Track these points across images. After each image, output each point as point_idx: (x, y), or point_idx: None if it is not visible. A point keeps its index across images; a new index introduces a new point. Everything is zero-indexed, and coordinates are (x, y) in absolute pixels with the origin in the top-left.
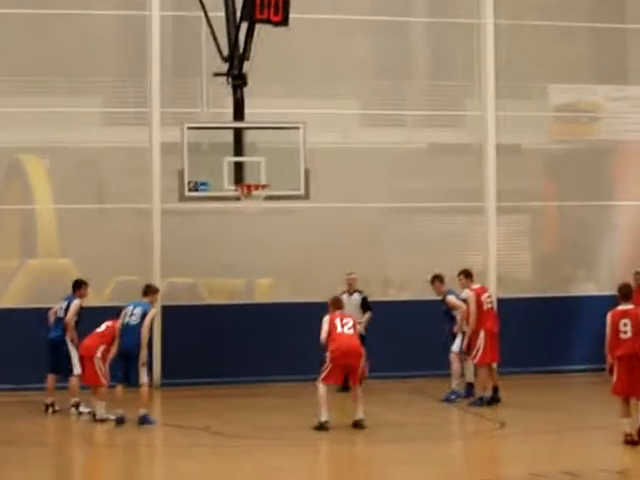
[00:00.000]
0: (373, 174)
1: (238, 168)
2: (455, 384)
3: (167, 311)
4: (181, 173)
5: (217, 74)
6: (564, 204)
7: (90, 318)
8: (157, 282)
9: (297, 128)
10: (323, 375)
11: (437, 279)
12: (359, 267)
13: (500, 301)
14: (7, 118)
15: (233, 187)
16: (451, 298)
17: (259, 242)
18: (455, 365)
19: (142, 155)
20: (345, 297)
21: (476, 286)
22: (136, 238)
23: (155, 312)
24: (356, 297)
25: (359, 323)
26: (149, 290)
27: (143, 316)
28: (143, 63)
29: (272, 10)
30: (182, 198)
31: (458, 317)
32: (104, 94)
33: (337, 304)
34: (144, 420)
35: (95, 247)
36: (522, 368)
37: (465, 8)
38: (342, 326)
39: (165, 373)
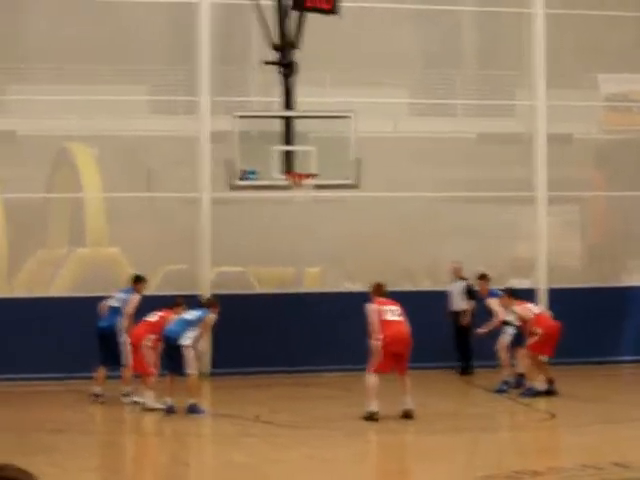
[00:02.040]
0: (422, 163)
1: (287, 157)
2: (506, 375)
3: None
4: (230, 162)
5: (267, 62)
6: (614, 194)
7: (139, 306)
8: (207, 271)
9: (347, 117)
10: (374, 365)
11: (484, 278)
12: (407, 256)
13: (551, 291)
14: (55, 106)
15: (282, 176)
16: (491, 302)
17: (308, 231)
18: (503, 355)
19: (191, 144)
20: (451, 284)
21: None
22: (185, 227)
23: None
24: (460, 284)
25: (463, 312)
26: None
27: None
28: (192, 51)
29: None
30: (232, 187)
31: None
32: (153, 82)
33: (380, 290)
34: (193, 409)
35: (144, 236)
36: (572, 359)
37: None
38: (390, 313)
39: (215, 362)
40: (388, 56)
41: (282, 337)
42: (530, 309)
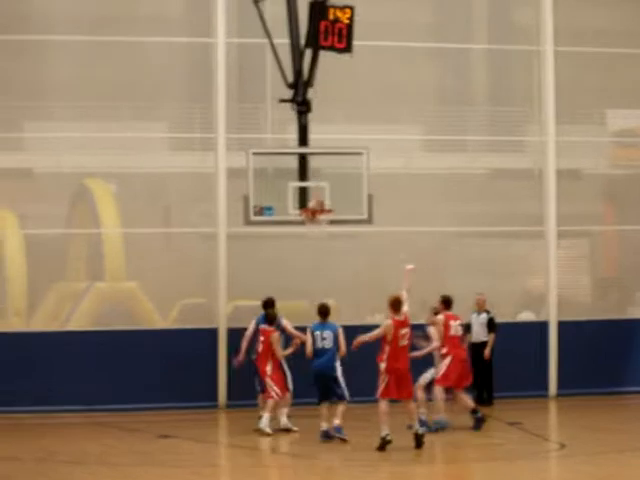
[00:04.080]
0: (435, 199)
1: (302, 193)
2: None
3: (233, 333)
4: (246, 198)
5: (282, 100)
6: (623, 228)
7: (154, 341)
8: (222, 305)
9: (360, 154)
10: (380, 389)
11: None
12: (420, 290)
13: (560, 324)
14: (75, 143)
15: (298, 212)
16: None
17: (323, 265)
18: (420, 395)
19: (208, 180)
20: (474, 316)
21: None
22: (202, 261)
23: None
24: (484, 316)
25: (485, 344)
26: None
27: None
28: (209, 89)
29: (336, 37)
30: (247, 222)
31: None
32: (170, 120)
33: (397, 305)
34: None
35: (161, 270)
36: (582, 389)
37: (525, 35)
38: (400, 338)
39: (231, 394)
40: (401, 93)
41: (297, 369)
42: (453, 328)
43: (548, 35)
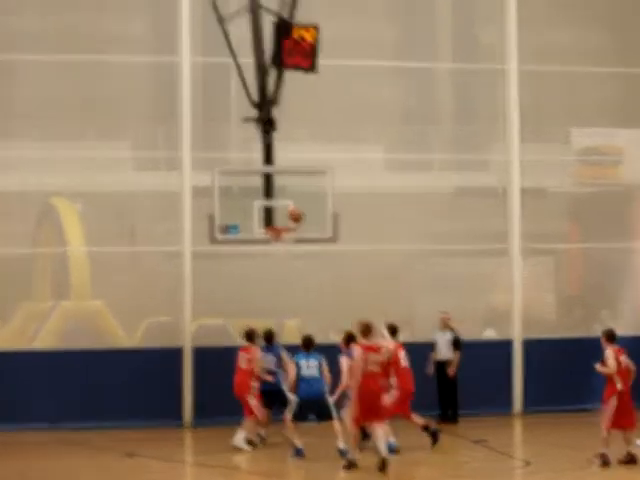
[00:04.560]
0: (399, 218)
1: (268, 212)
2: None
3: (198, 352)
4: (212, 216)
5: (247, 119)
6: (588, 246)
7: (120, 360)
8: (187, 323)
9: (324, 173)
10: (352, 414)
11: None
12: (385, 308)
13: (525, 342)
14: (39, 162)
15: (263, 230)
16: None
17: (288, 284)
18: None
19: (173, 199)
20: (439, 334)
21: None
22: (167, 280)
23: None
24: (448, 335)
25: (449, 362)
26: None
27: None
28: (174, 108)
29: (301, 56)
30: (213, 241)
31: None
32: (136, 138)
33: (367, 331)
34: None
35: (127, 289)
36: (547, 407)
37: (489, 53)
38: (371, 363)
39: (197, 413)
40: (365, 112)
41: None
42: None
43: (512, 54)
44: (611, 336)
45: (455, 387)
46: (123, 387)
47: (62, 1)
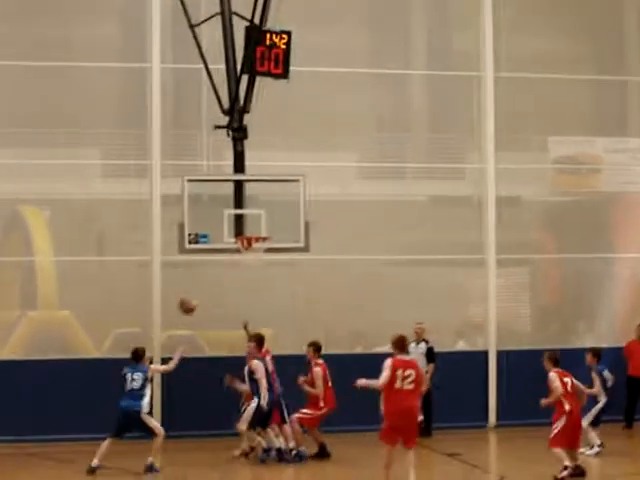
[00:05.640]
0: (373, 226)
1: (238, 220)
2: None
3: (167, 363)
4: (181, 225)
5: (217, 127)
6: (564, 256)
7: (88, 371)
8: (157, 334)
9: (296, 181)
10: (381, 432)
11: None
12: (358, 319)
13: (499, 353)
14: (7, 169)
15: (233, 239)
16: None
17: (259, 293)
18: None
19: (142, 207)
20: (412, 346)
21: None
22: (136, 290)
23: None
24: (422, 346)
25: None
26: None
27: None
28: (143, 115)
29: (272, 63)
30: (182, 250)
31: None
32: (104, 146)
33: (402, 345)
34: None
35: (95, 299)
36: (521, 420)
37: (465, 61)
38: (403, 379)
39: (167, 425)
40: (338, 120)
41: (233, 400)
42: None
43: (488, 61)
44: (555, 360)
45: (430, 399)
46: (91, 398)
47: (30, 7)
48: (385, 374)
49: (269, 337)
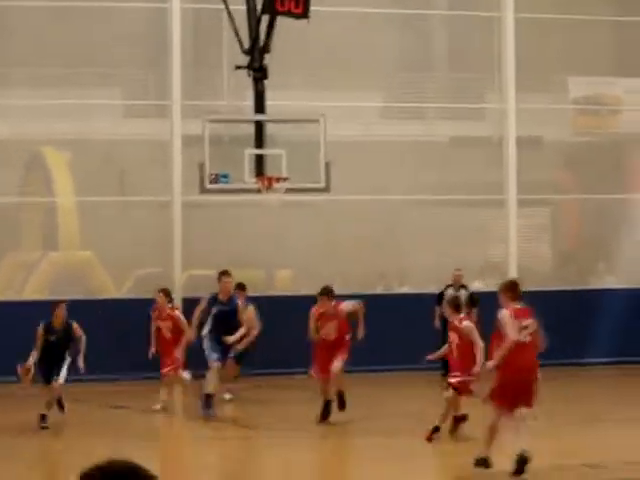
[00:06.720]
0: (393, 167)
1: (259, 161)
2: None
3: (187, 303)
4: (202, 165)
5: (238, 67)
6: (585, 197)
7: (111, 310)
8: (178, 274)
9: (316, 121)
10: (494, 395)
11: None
12: (378, 259)
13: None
14: (28, 110)
15: (254, 180)
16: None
17: (279, 234)
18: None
19: (163, 147)
20: (451, 292)
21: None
22: (157, 230)
23: None
24: (462, 293)
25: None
26: None
27: None
28: (164, 55)
29: (293, 3)
30: (203, 190)
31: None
32: (125, 86)
33: (516, 290)
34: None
35: (116, 239)
36: (542, 360)
37: (486, 1)
38: (520, 330)
39: (188, 366)
40: (359, 60)
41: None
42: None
43: (509, 1)
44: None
45: None
46: (111, 339)
47: None
48: (511, 328)
49: (288, 278)
